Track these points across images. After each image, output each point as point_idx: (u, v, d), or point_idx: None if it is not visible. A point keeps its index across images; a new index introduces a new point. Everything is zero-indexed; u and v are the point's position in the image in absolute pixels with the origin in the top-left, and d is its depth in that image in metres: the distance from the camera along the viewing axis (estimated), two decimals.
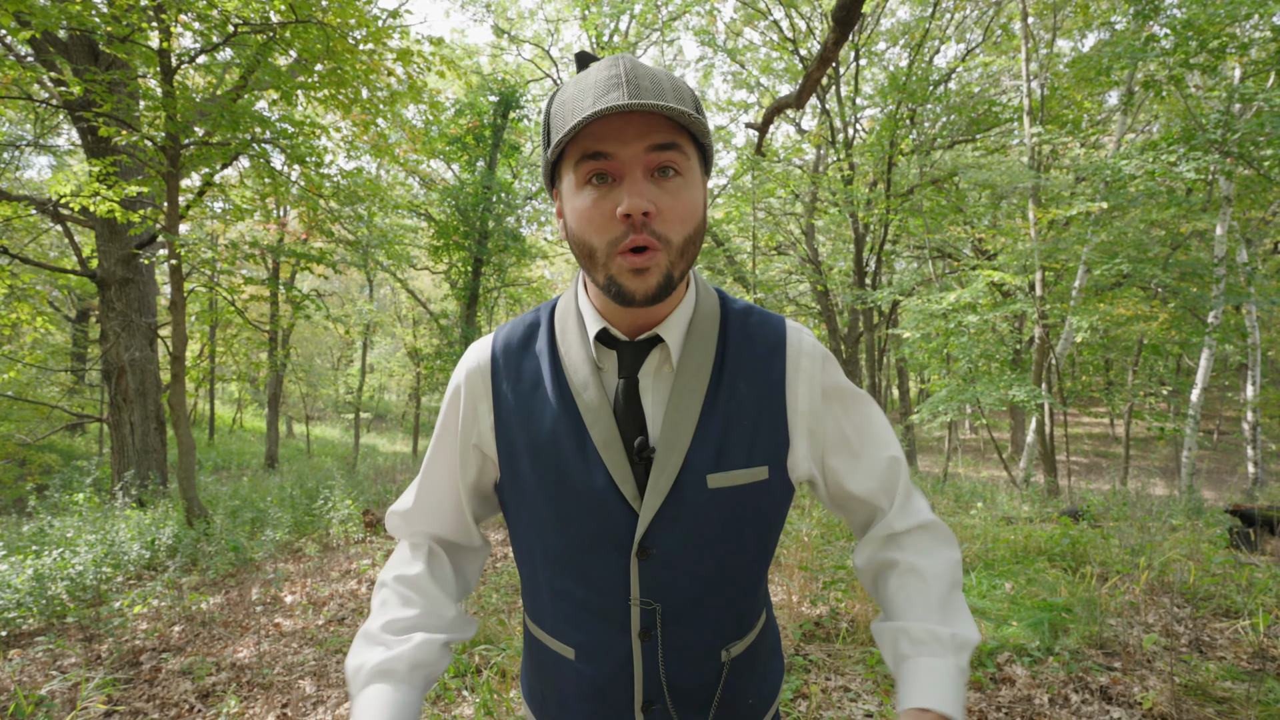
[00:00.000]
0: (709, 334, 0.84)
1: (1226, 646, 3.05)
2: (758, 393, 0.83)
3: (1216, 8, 6.72)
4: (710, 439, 0.81)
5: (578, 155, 0.73)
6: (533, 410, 0.85)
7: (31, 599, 3.84)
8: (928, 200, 13.03)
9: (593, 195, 0.73)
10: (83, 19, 4.85)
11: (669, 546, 0.81)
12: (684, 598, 0.83)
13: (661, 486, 0.79)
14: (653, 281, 0.73)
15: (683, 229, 0.74)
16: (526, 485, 0.85)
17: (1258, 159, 7.46)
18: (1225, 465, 16.47)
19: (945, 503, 7.07)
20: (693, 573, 0.82)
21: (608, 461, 0.80)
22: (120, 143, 5.34)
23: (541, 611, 0.90)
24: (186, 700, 2.84)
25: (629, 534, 0.81)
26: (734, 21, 15.41)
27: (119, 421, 7.16)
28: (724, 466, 0.81)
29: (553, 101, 0.78)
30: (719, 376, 0.83)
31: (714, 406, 0.82)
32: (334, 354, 25.79)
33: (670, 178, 0.73)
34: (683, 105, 0.73)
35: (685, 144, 0.74)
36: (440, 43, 6.48)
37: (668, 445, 0.80)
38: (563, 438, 0.82)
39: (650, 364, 0.83)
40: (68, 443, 14.91)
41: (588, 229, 0.74)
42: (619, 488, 0.80)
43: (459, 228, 12.70)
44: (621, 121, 0.70)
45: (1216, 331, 9.50)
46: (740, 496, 0.82)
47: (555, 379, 0.84)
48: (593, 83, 0.72)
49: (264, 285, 8.13)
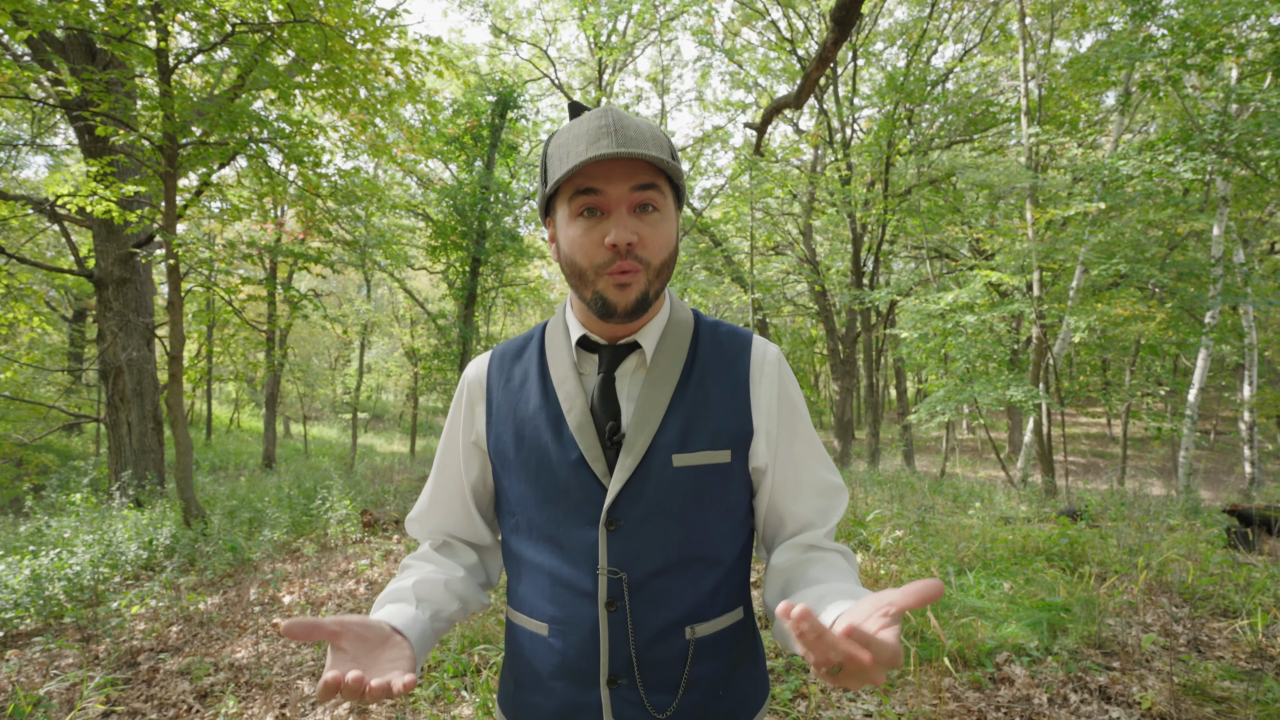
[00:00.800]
0: (682, 339, 0.97)
1: (1225, 646, 3.06)
2: (724, 387, 0.94)
3: (1214, 8, 6.73)
4: (677, 424, 0.90)
5: (572, 191, 0.86)
6: (519, 403, 0.97)
7: (29, 599, 3.83)
8: (925, 200, 13.05)
9: (584, 225, 0.86)
10: (80, 18, 4.83)
11: (635, 518, 0.88)
12: (649, 569, 0.89)
13: (629, 464, 0.88)
14: (633, 295, 0.86)
15: (660, 255, 0.88)
16: (512, 468, 0.96)
17: (1255, 159, 7.47)
18: (1222, 465, 16.51)
19: (943, 503, 7.08)
20: (657, 544, 0.89)
21: (580, 442, 0.90)
22: (117, 142, 5.33)
23: (519, 593, 0.98)
24: (184, 700, 2.83)
25: (598, 507, 0.89)
26: (732, 22, 15.42)
27: (116, 421, 7.14)
28: (689, 448, 0.90)
29: (549, 144, 0.90)
30: (689, 373, 0.94)
31: (683, 397, 0.92)
32: (331, 354, 25.76)
33: (650, 213, 0.86)
34: (661, 153, 0.86)
35: (663, 184, 0.88)
36: (438, 42, 6.47)
37: (637, 428, 0.89)
38: (543, 423, 0.94)
39: (628, 364, 0.95)
40: (65, 443, 14.88)
41: (579, 254, 0.87)
42: (590, 465, 0.89)
43: (457, 227, 12.69)
44: (610, 164, 0.84)
45: (1213, 331, 9.52)
46: (703, 475, 0.90)
47: (541, 376, 0.97)
48: (585, 130, 0.85)
49: (261, 285, 8.10)
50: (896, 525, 5.01)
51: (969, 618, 3.26)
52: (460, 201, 12.47)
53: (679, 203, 0.94)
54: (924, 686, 2.66)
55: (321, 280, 21.35)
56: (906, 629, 3.14)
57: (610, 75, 15.71)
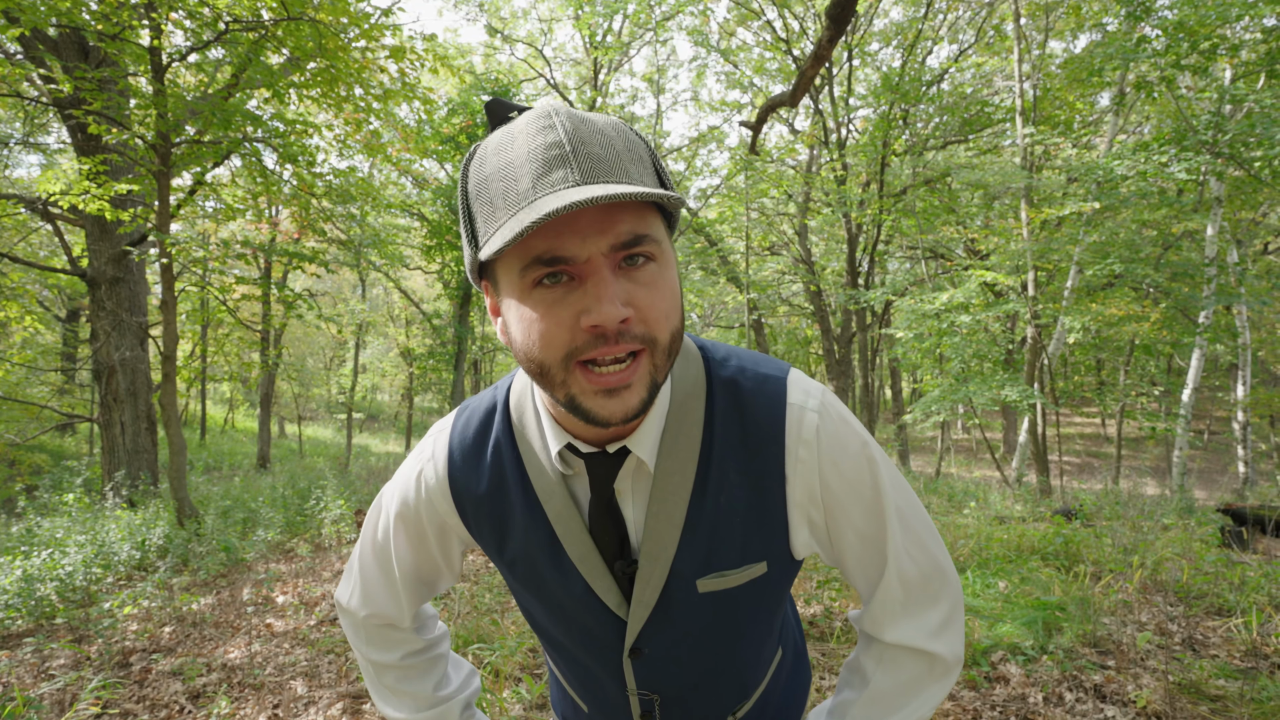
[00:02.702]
0: (691, 423, 0.72)
1: (1219, 645, 3.07)
2: (750, 486, 0.72)
3: (1207, 9, 6.76)
4: (698, 544, 0.72)
5: (522, 261, 0.57)
6: (500, 518, 0.77)
7: (20, 600, 3.81)
8: (921, 200, 13.08)
9: (545, 300, 0.58)
10: (73, 16, 4.81)
11: (662, 647, 0.77)
12: (683, 686, 0.81)
13: (648, 598, 0.73)
14: (633, 401, 0.60)
15: (668, 324, 0.61)
16: (512, 581, 0.81)
17: (1248, 160, 7.50)
18: (1216, 465, 16.59)
19: (939, 502, 7.09)
20: (689, 666, 0.79)
21: (586, 575, 0.73)
22: (110, 141, 5.30)
23: (554, 662, 0.91)
24: (177, 701, 2.81)
25: (618, 638, 0.76)
26: (727, 22, 15.43)
27: (109, 421, 7.11)
28: (715, 569, 0.73)
29: (469, 172, 0.62)
30: (706, 471, 0.71)
31: (701, 508, 0.71)
32: (326, 354, 25.70)
33: (641, 266, 0.59)
34: (644, 171, 0.61)
35: (655, 223, 0.60)
36: (433, 39, 6.45)
37: (651, 557, 0.71)
38: (536, 550, 0.75)
39: (627, 468, 0.72)
40: (58, 443, 14.80)
41: (539, 345, 0.59)
42: (601, 599, 0.74)
43: (452, 227, 12.67)
44: (574, 213, 0.56)
45: (1207, 331, 9.57)
46: (735, 595, 0.75)
47: (520, 482, 0.75)
48: (526, 154, 0.57)
49: (256, 285, 8.09)
50: None
51: (964, 617, 3.26)
52: (455, 201, 12.44)
53: (671, 229, 0.66)
54: None
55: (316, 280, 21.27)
56: None
57: (606, 75, 15.70)
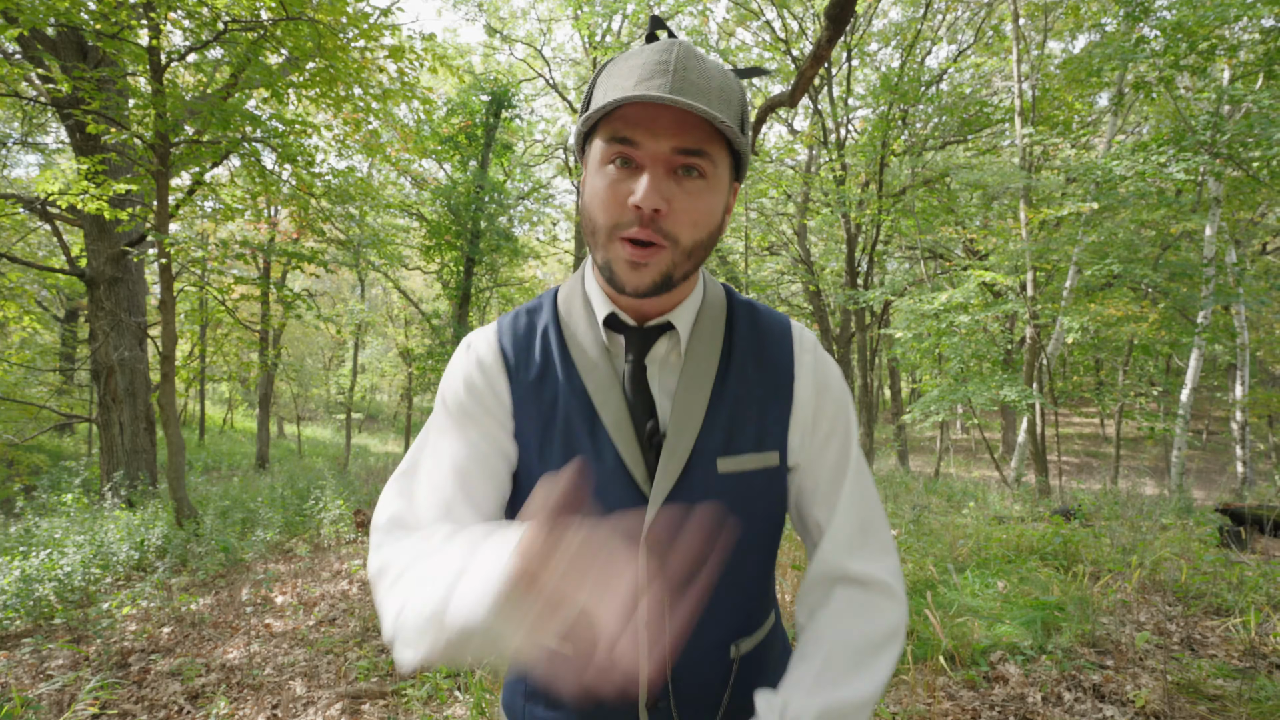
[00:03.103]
0: (716, 322, 0.84)
1: (1218, 644, 3.07)
2: (765, 378, 0.83)
3: (1206, 10, 6.76)
4: (720, 423, 0.80)
5: (608, 134, 0.72)
6: (543, 393, 0.82)
7: (18, 600, 3.80)
8: (920, 201, 13.09)
9: (612, 176, 0.72)
10: (71, 16, 4.80)
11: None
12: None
13: (672, 470, 0.78)
14: (647, 279, 0.73)
15: (694, 232, 0.73)
16: (535, 471, 0.82)
17: (1246, 160, 7.51)
18: (1214, 464, 16.61)
19: (937, 502, 7.09)
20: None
21: (619, 443, 0.79)
22: (109, 141, 5.29)
23: None
24: (175, 701, 2.81)
25: (638, 519, 0.78)
26: (726, 22, 15.44)
27: (108, 422, 7.10)
28: (734, 450, 0.80)
29: (601, 70, 0.77)
30: (727, 362, 0.83)
31: (723, 392, 0.81)
32: (325, 354, 25.68)
33: (693, 179, 0.72)
34: (725, 110, 0.71)
35: (717, 150, 0.72)
36: (432, 39, 6.45)
37: (678, 429, 0.78)
38: (574, 419, 0.80)
39: (658, 350, 0.82)
40: (56, 443, 14.78)
41: (598, 207, 0.73)
42: (630, 471, 0.78)
43: (451, 227, 12.66)
44: (656, 111, 0.69)
45: (1206, 331, 9.58)
46: (750, 481, 0.81)
47: (564, 360, 0.83)
48: (641, 63, 0.71)
49: (255, 285, 8.08)
50: (891, 525, 5.02)
51: (964, 617, 3.26)
52: (454, 201, 12.44)
53: (739, 174, 0.79)
54: (918, 685, 2.66)
55: (315, 280, 21.28)
56: None
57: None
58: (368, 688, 2.90)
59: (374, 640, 3.46)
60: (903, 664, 2.85)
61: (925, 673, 2.77)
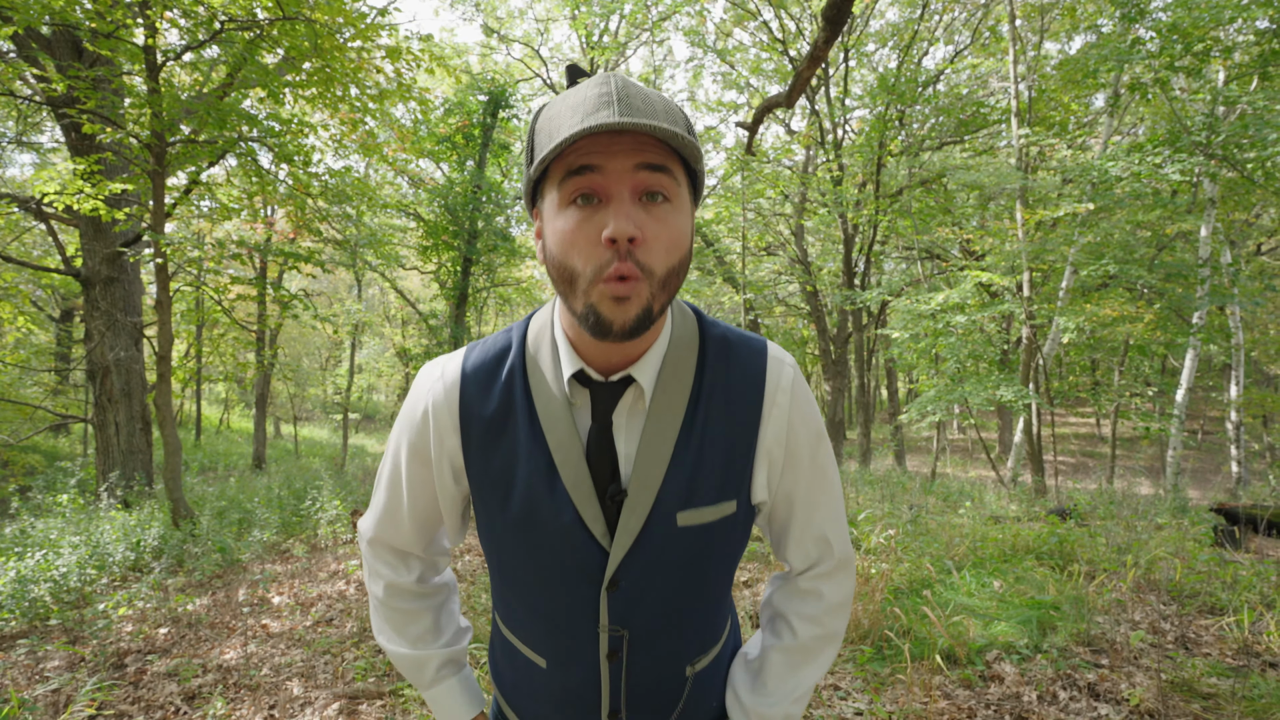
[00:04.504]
0: (685, 367, 0.82)
1: (1212, 643, 3.08)
2: (731, 427, 0.82)
3: (1201, 11, 6.78)
4: (682, 477, 0.80)
5: (562, 172, 0.69)
6: (502, 444, 0.83)
7: (14, 601, 3.79)
8: (916, 201, 13.11)
9: (576, 216, 0.69)
10: (66, 15, 4.79)
11: (637, 579, 0.82)
12: (651, 624, 0.85)
13: (632, 527, 0.79)
14: (632, 313, 0.70)
15: (667, 259, 0.71)
16: (495, 517, 0.85)
17: (1241, 161, 7.53)
18: (1209, 464, 16.66)
19: (934, 502, 7.10)
20: (660, 601, 0.84)
21: (577, 502, 0.80)
22: (105, 140, 5.28)
23: (512, 619, 0.92)
24: (172, 702, 2.81)
25: (599, 569, 0.81)
26: (724, 22, 15.44)
27: (104, 422, 7.08)
28: (694, 504, 0.81)
29: (538, 117, 0.74)
30: (694, 411, 0.81)
31: (687, 444, 0.81)
32: (322, 354, 25.62)
33: (659, 203, 0.70)
34: (675, 127, 0.69)
35: (675, 168, 0.71)
36: (429, 39, 6.45)
37: (639, 486, 0.79)
38: (533, 475, 0.81)
39: (624, 403, 0.81)
40: (51, 443, 14.73)
41: (570, 252, 0.70)
42: (588, 527, 0.80)
43: (448, 227, 12.65)
44: (610, 139, 0.68)
45: (1201, 332, 9.60)
46: (710, 530, 0.82)
47: (527, 411, 0.82)
48: (581, 99, 0.69)
49: (251, 285, 8.06)
50: (888, 524, 5.03)
51: (959, 616, 3.27)
52: (452, 201, 12.43)
53: (696, 195, 0.77)
54: (914, 684, 2.67)
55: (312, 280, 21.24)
56: (898, 627, 3.15)
57: None
58: (365, 688, 2.90)
59: (371, 640, 3.46)
60: (899, 663, 2.85)
61: (921, 671, 2.78)
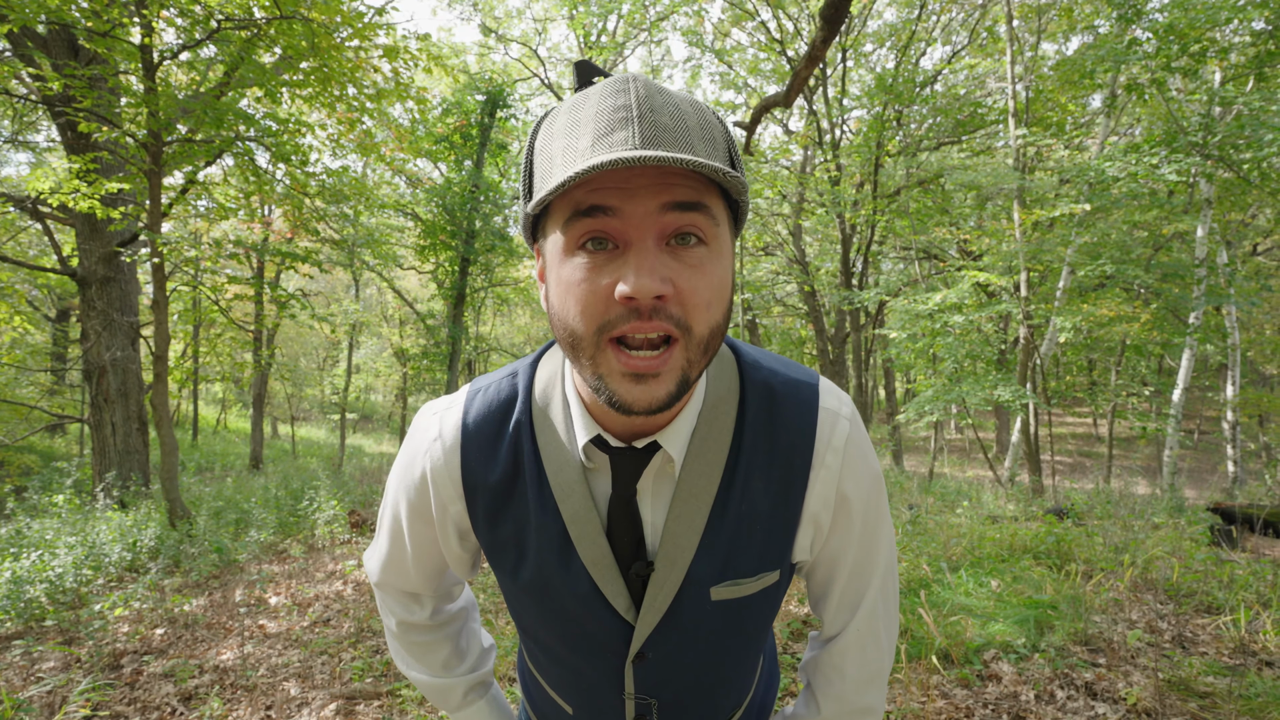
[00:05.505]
0: (722, 428, 0.69)
1: (1208, 642, 3.09)
2: (775, 492, 0.70)
3: (1197, 13, 6.79)
4: (717, 550, 0.70)
5: (569, 210, 0.55)
6: (511, 512, 0.72)
7: (9, 602, 3.78)
8: (914, 201, 13.11)
9: (585, 265, 0.55)
10: (62, 14, 4.77)
11: (666, 652, 0.74)
12: (681, 695, 0.78)
13: (660, 603, 0.70)
14: (660, 392, 0.56)
15: (709, 316, 0.57)
16: (509, 581, 0.75)
17: (1237, 162, 7.55)
18: (1206, 464, 16.69)
19: (932, 502, 7.11)
20: (691, 672, 0.76)
21: (597, 579, 0.70)
22: (101, 139, 5.27)
23: (538, 663, 0.85)
24: (168, 703, 2.80)
25: (624, 642, 0.73)
26: (722, 22, 15.45)
27: (100, 422, 7.06)
28: (730, 576, 0.70)
29: (538, 132, 0.61)
30: (731, 477, 0.69)
31: (724, 514, 0.69)
32: (320, 354, 25.57)
33: (692, 246, 0.55)
34: (714, 154, 0.56)
35: (714, 202, 0.57)
36: (427, 39, 6.44)
37: (668, 560, 0.69)
38: (545, 549, 0.71)
39: (650, 468, 0.69)
40: (47, 444, 14.70)
41: (575, 310, 0.56)
42: (610, 602, 0.71)
43: (446, 227, 12.63)
44: (630, 170, 0.53)
45: (1197, 332, 9.62)
46: (746, 603, 0.73)
47: (536, 477, 0.71)
48: (593, 114, 0.55)
49: (248, 284, 8.05)
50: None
51: (957, 615, 3.27)
52: (449, 201, 12.41)
53: (736, 229, 0.62)
54: (912, 684, 2.67)
55: (309, 280, 21.19)
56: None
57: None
58: (362, 688, 2.89)
59: (369, 641, 3.45)
60: (897, 662, 2.85)
61: (919, 671, 2.78)
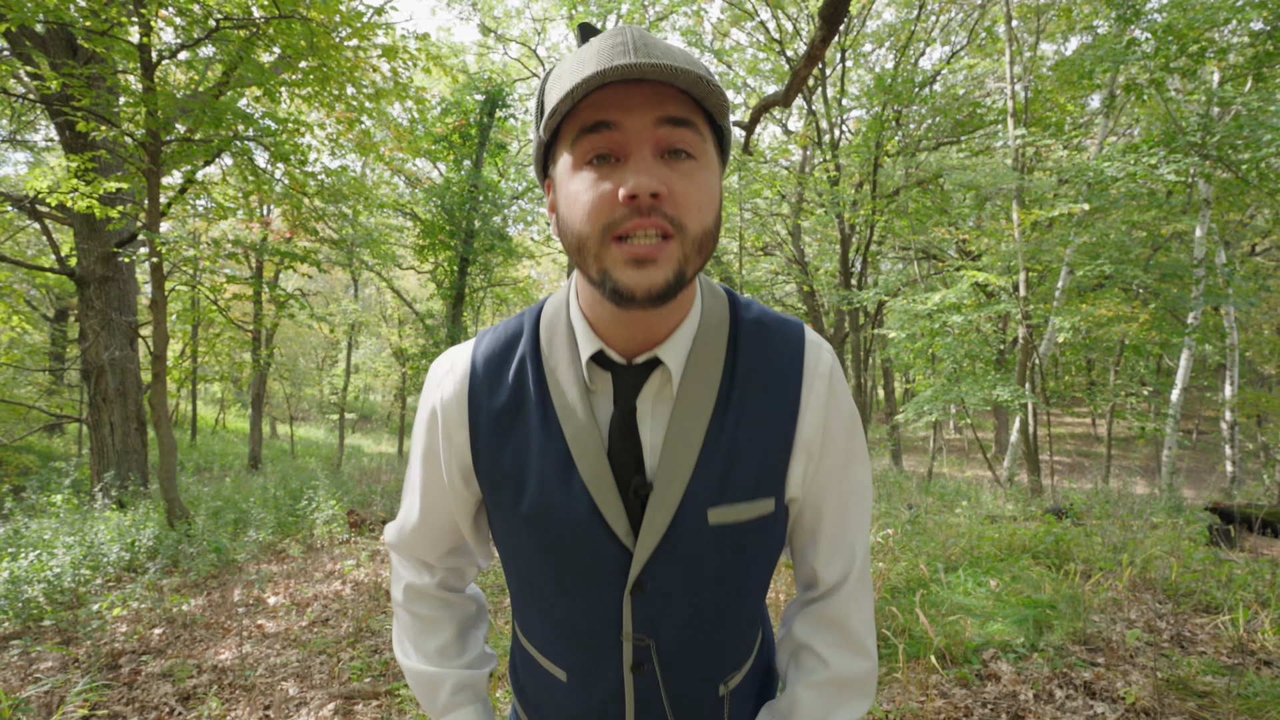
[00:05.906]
0: (716, 350, 0.74)
1: (1207, 641, 3.09)
2: (768, 416, 0.74)
3: (1196, 13, 6.80)
4: (713, 470, 0.72)
5: (575, 131, 0.63)
6: (514, 438, 0.76)
7: (7, 602, 3.77)
8: (913, 201, 13.11)
9: (591, 177, 0.63)
10: (60, 13, 4.77)
11: (665, 582, 0.74)
12: (680, 633, 0.77)
13: (658, 525, 0.71)
14: (659, 277, 0.62)
15: (700, 217, 0.63)
16: (508, 515, 0.77)
17: (1236, 162, 7.55)
18: (1204, 464, 16.70)
19: (931, 502, 7.11)
20: (690, 608, 0.76)
21: (597, 498, 0.72)
22: (99, 138, 5.26)
23: (530, 628, 0.85)
24: (167, 703, 2.79)
25: (622, 571, 0.74)
26: (721, 22, 15.45)
27: (98, 422, 7.05)
28: (727, 499, 0.72)
29: (548, 77, 0.68)
30: (726, 398, 0.73)
31: (719, 434, 0.73)
32: (319, 354, 25.57)
33: (683, 160, 0.63)
34: (697, 70, 0.62)
35: (700, 124, 0.64)
36: (426, 38, 6.44)
37: (666, 478, 0.71)
38: (547, 469, 0.73)
39: (650, 387, 0.73)
40: (46, 443, 14.68)
41: (582, 215, 0.63)
42: (609, 525, 0.72)
43: (445, 227, 12.63)
44: (627, 91, 0.61)
45: (1196, 332, 9.63)
46: (743, 530, 0.74)
47: (541, 401, 0.75)
48: (595, 51, 0.61)
49: (247, 284, 8.05)
50: (885, 524, 5.03)
51: (956, 615, 3.28)
52: (448, 201, 12.41)
53: (723, 154, 0.70)
54: (911, 683, 2.67)
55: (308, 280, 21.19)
56: (895, 625, 3.15)
57: None
58: (361, 688, 2.89)
59: (367, 640, 3.45)
60: (895, 662, 2.85)
61: (918, 670, 2.78)
